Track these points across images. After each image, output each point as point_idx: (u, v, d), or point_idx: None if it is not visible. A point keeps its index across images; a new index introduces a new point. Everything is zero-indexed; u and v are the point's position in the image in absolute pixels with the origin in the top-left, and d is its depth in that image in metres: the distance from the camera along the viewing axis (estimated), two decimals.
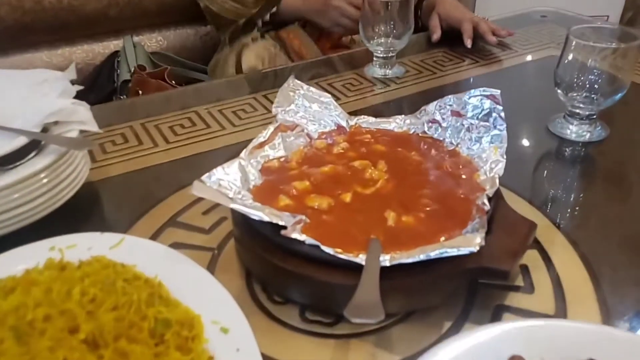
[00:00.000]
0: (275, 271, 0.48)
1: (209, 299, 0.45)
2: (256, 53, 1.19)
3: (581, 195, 0.66)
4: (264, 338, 0.42)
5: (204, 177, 0.51)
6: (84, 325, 0.38)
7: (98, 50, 1.37)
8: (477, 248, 0.42)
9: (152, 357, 0.39)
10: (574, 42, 0.69)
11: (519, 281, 0.50)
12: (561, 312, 0.47)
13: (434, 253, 0.43)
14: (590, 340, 0.39)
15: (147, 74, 1.26)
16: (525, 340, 0.40)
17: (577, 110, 0.73)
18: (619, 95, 0.69)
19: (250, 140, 0.60)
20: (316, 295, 0.47)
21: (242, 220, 0.50)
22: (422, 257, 0.43)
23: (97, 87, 1.37)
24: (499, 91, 0.59)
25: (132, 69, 1.29)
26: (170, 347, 0.40)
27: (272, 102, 0.85)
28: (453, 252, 0.42)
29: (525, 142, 0.76)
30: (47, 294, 0.42)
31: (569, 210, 0.62)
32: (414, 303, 0.47)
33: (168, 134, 0.78)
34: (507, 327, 0.42)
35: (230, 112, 0.84)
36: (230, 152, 0.73)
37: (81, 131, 0.62)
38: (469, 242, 0.43)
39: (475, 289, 0.49)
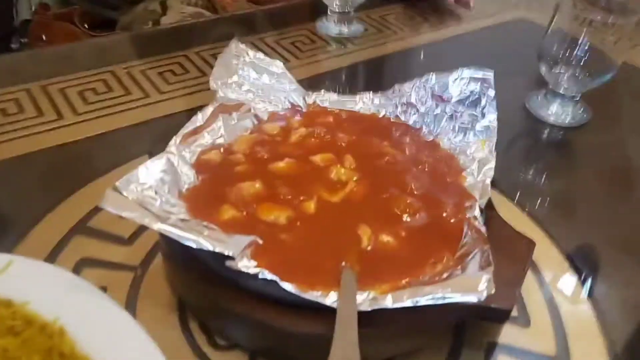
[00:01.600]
0: (218, 311, 0.37)
1: (131, 357, 0.34)
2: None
3: (565, 188, 0.58)
4: None
5: (119, 184, 0.38)
6: None
7: None
8: (484, 296, 0.33)
9: None
10: (565, 11, 0.60)
11: (513, 311, 0.42)
12: (563, 351, 0.40)
13: (426, 299, 0.33)
14: None
15: (53, 15, 1.05)
16: None
17: (560, 90, 0.64)
18: (608, 76, 0.61)
19: (182, 113, 0.47)
20: (273, 343, 0.37)
21: (173, 241, 0.38)
22: (412, 302, 0.34)
23: None
24: (492, 73, 0.49)
25: (34, 7, 1.07)
26: None
27: (206, 62, 0.72)
28: (453, 298, 0.33)
29: (499, 122, 0.68)
30: None
31: (556, 209, 0.54)
32: (395, 349, 0.38)
33: (76, 101, 0.63)
34: None
35: (156, 73, 0.69)
36: (158, 128, 0.60)
37: None
38: (471, 285, 0.33)
39: (464, 324, 0.41)
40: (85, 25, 1.05)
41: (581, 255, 0.48)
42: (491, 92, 0.49)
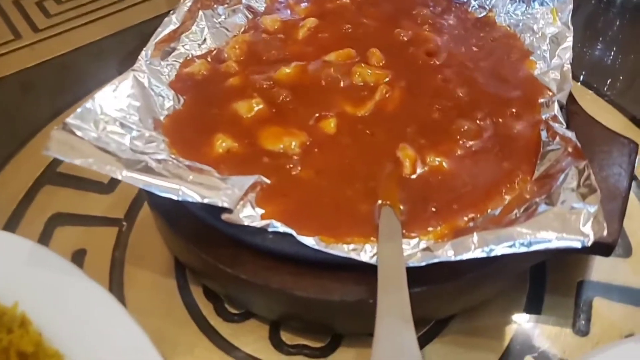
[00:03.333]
0: (221, 276, 0.28)
1: (114, 350, 0.26)
2: None
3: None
4: None
5: (70, 119, 0.28)
6: None
7: None
8: (591, 241, 0.22)
9: None
10: None
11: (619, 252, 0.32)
12: None
13: (503, 246, 0.23)
14: None
15: None
16: None
17: None
18: None
19: (161, 16, 0.36)
20: (296, 312, 0.28)
21: (155, 195, 0.29)
22: (483, 252, 0.24)
23: None
24: None
25: None
26: None
27: None
28: (544, 244, 0.23)
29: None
30: None
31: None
32: (458, 306, 0.29)
33: (36, 15, 0.52)
34: (627, 349, 0.25)
35: None
36: (134, 39, 0.49)
37: None
38: (569, 224, 0.23)
39: (543, 262, 0.31)
40: None
41: None
42: None
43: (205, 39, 0.37)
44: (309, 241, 0.26)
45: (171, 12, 0.37)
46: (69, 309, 0.28)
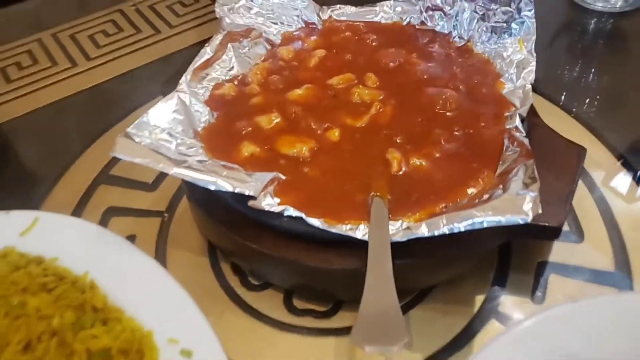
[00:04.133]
0: (246, 252, 0.36)
1: (163, 305, 0.33)
2: None
3: (618, 84, 0.52)
4: (238, 343, 0.32)
5: (130, 130, 0.36)
6: None
7: None
8: (530, 218, 0.29)
9: None
10: None
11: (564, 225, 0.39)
12: (623, 265, 0.37)
13: (465, 224, 0.30)
14: None
15: None
16: (601, 322, 0.30)
17: None
18: None
19: (197, 45, 0.44)
20: (306, 281, 0.36)
21: (194, 187, 0.37)
22: (449, 229, 0.31)
23: None
24: None
25: None
26: None
27: None
28: (494, 221, 0.30)
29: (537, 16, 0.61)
30: None
31: (609, 108, 0.49)
32: (435, 279, 0.36)
33: (88, 46, 0.60)
34: (569, 310, 0.32)
35: (164, 7, 0.65)
36: (173, 65, 0.57)
37: None
38: (515, 206, 0.30)
39: (509, 245, 0.38)
40: None
41: (636, 154, 0.44)
42: None
43: (232, 67, 0.45)
44: (316, 222, 0.33)
45: (206, 45, 0.45)
46: (127, 276, 0.35)
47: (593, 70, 0.54)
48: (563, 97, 0.49)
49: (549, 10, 0.61)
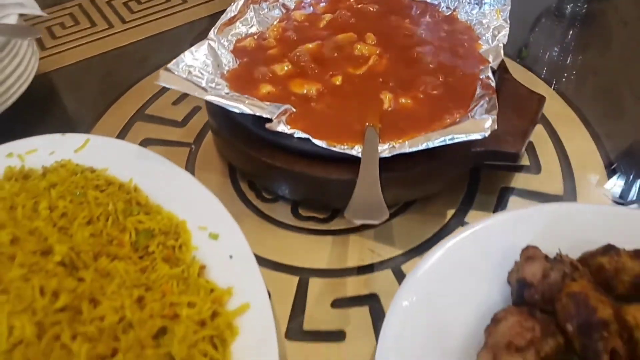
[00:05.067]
0: (262, 168, 0.44)
1: (193, 202, 0.41)
2: None
3: (579, 58, 0.60)
4: (255, 239, 0.39)
5: (170, 65, 0.44)
6: (57, 246, 0.34)
7: None
8: (488, 133, 0.37)
9: (137, 273, 0.35)
10: None
11: (525, 160, 0.47)
12: (570, 191, 0.45)
13: (438, 141, 0.39)
14: (609, 223, 0.37)
15: None
16: (537, 227, 0.38)
17: None
18: None
19: (218, 13, 0.52)
20: (310, 191, 0.44)
21: (219, 113, 0.45)
22: (425, 145, 0.39)
23: None
24: None
25: None
26: (156, 259, 0.37)
27: None
28: (460, 138, 0.38)
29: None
30: (10, 212, 0.37)
31: (573, 74, 0.57)
32: (415, 193, 0.44)
33: (123, 11, 0.69)
34: (516, 214, 0.39)
35: None
36: (197, 28, 0.65)
37: (21, 15, 0.53)
38: (478, 126, 0.38)
39: (478, 172, 0.46)
40: None
41: (591, 106, 0.52)
42: None
43: (253, 24, 0.53)
44: (321, 143, 0.41)
45: (232, 4, 0.53)
46: (164, 182, 0.43)
47: (570, 46, 0.62)
48: (540, 68, 0.57)
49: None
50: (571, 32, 0.65)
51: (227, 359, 0.32)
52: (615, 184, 0.45)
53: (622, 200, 0.44)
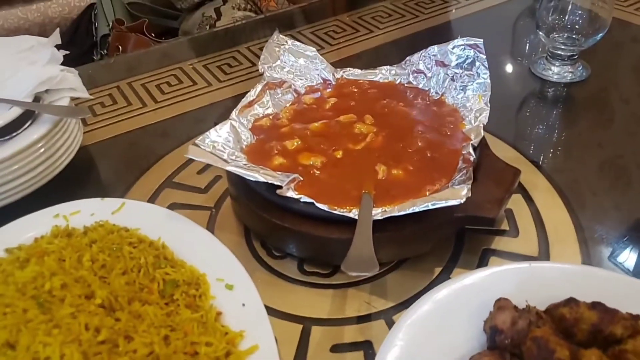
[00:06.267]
0: (273, 228, 0.50)
1: (212, 258, 0.48)
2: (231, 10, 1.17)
3: (562, 135, 0.68)
4: (265, 291, 0.44)
5: (198, 141, 0.52)
6: (98, 291, 0.41)
7: (74, 3, 1.33)
8: (464, 200, 0.44)
9: (164, 316, 0.41)
10: None
11: (505, 225, 0.53)
12: (544, 253, 0.51)
13: (422, 206, 0.45)
14: (573, 280, 0.43)
15: (126, 28, 1.23)
16: (511, 282, 0.43)
17: (559, 52, 0.74)
18: (601, 34, 0.70)
19: (237, 96, 0.61)
20: (313, 249, 0.50)
21: (238, 181, 0.52)
22: (412, 210, 0.46)
23: (75, 41, 1.34)
24: (482, 40, 0.59)
25: (111, 23, 1.26)
26: (180, 305, 0.43)
27: (255, 55, 0.86)
28: (441, 204, 0.45)
29: (509, 85, 0.78)
30: (60, 263, 0.44)
31: (551, 151, 0.65)
32: (406, 252, 0.50)
33: (155, 92, 0.78)
34: (494, 271, 0.45)
35: (215, 67, 0.84)
36: (219, 109, 0.74)
37: (72, 98, 0.62)
38: (455, 194, 0.45)
39: (463, 235, 0.52)
40: (152, 34, 1.22)
41: (566, 184, 0.58)
42: (482, 55, 0.59)
43: (269, 107, 0.62)
44: (323, 206, 0.48)
45: (251, 89, 0.62)
46: (187, 240, 0.50)
47: (547, 125, 0.70)
48: (524, 146, 0.64)
49: (517, 82, 0.78)
50: (553, 112, 0.73)
51: None
52: (629, 257, 0.51)
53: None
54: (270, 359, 0.39)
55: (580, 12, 0.69)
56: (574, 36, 0.72)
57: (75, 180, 0.62)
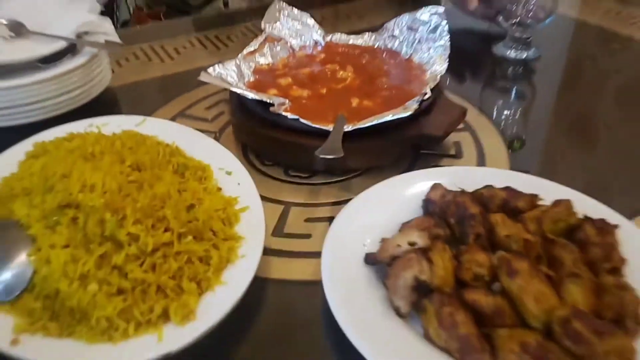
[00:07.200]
0: (266, 140, 0.63)
1: (215, 155, 0.60)
2: None
3: (512, 96, 0.82)
4: (258, 187, 0.56)
5: (209, 69, 0.66)
6: (128, 157, 0.53)
7: None
8: (411, 112, 0.57)
9: (178, 184, 0.53)
10: None
11: (452, 152, 0.66)
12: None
13: (381, 119, 0.58)
14: (494, 179, 0.55)
15: (146, 14, 1.37)
16: (447, 178, 0.55)
17: (516, 34, 0.88)
18: (547, 21, 0.84)
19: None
20: (296, 156, 0.63)
21: (239, 104, 0.65)
22: (373, 122, 0.58)
23: None
24: (443, 8, 0.73)
25: (132, 10, 1.40)
26: (189, 180, 0.55)
27: (253, 31, 0.99)
28: (396, 116, 0.58)
29: (473, 62, 0.92)
30: (98, 141, 0.56)
31: (495, 102, 0.78)
32: (370, 161, 0.63)
33: (172, 53, 0.92)
34: (435, 170, 0.58)
35: (225, 37, 0.98)
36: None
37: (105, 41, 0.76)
38: (406, 109, 0.58)
39: (418, 156, 0.65)
40: None
41: (505, 124, 0.71)
42: (444, 22, 0.73)
43: (268, 57, 0.75)
44: (306, 122, 0.61)
45: (253, 40, 0.75)
46: (197, 145, 0.62)
47: (505, 92, 0.84)
48: (481, 103, 0.78)
49: (482, 62, 0.92)
50: (508, 83, 0.87)
51: (232, 233, 0.50)
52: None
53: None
54: (258, 217, 0.51)
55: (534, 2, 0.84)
56: (527, 22, 0.86)
57: (103, 110, 0.75)
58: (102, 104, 0.74)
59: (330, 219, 0.53)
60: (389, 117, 0.58)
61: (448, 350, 0.40)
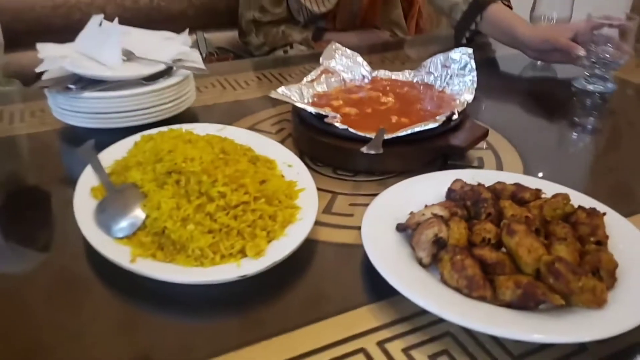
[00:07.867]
0: (319, 146, 0.78)
1: (279, 153, 0.75)
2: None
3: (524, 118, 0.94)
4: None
5: (278, 89, 0.82)
6: (216, 146, 0.68)
7: None
8: (439, 123, 0.71)
9: (253, 167, 0.68)
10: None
11: (475, 164, 0.79)
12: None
13: (411, 130, 0.72)
14: (509, 180, 0.67)
15: (216, 59, 1.59)
16: (467, 177, 0.68)
17: (596, 71, 1.03)
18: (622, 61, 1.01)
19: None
20: (344, 159, 0.77)
21: (299, 117, 0.80)
22: (407, 132, 0.72)
23: None
24: (471, 49, 0.88)
25: (204, 55, 1.62)
26: (260, 167, 0.70)
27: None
28: (421, 127, 0.71)
29: (556, 98, 1.05)
30: (191, 134, 0.72)
31: (515, 127, 0.91)
32: (404, 165, 0.76)
33: (243, 84, 1.10)
34: (457, 171, 0.71)
35: (286, 74, 1.15)
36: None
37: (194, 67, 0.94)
38: (435, 121, 0.72)
39: (445, 167, 0.78)
40: None
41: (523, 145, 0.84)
42: (472, 61, 0.88)
43: (323, 86, 0.91)
44: (354, 131, 0.75)
45: (312, 72, 0.91)
46: (267, 146, 0.77)
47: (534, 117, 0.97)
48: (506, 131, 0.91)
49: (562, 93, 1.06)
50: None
51: (292, 203, 0.63)
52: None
53: None
54: (312, 196, 0.65)
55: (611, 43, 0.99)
56: (605, 61, 1.01)
57: (189, 122, 0.91)
58: (187, 118, 0.91)
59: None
60: (421, 127, 0.72)
61: (458, 289, 0.52)
